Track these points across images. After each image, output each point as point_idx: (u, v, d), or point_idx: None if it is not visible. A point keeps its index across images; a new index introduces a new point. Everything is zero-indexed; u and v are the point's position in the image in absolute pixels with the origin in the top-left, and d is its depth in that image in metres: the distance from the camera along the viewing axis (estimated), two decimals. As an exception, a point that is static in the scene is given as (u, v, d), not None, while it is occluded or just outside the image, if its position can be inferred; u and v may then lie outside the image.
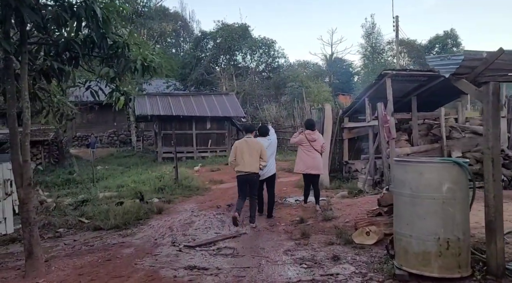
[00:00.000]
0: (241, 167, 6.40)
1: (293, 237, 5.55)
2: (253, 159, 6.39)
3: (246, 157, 6.39)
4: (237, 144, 6.62)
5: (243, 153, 6.42)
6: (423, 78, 9.31)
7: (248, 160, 6.38)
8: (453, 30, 40.77)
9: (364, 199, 7.49)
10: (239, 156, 6.43)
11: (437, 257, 3.25)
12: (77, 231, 6.79)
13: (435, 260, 3.26)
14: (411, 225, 3.38)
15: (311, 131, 7.51)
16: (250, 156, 6.39)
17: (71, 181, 13.05)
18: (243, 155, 6.41)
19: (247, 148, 6.45)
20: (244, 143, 6.52)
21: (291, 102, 23.70)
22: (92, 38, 5.05)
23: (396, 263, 3.58)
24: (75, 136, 24.32)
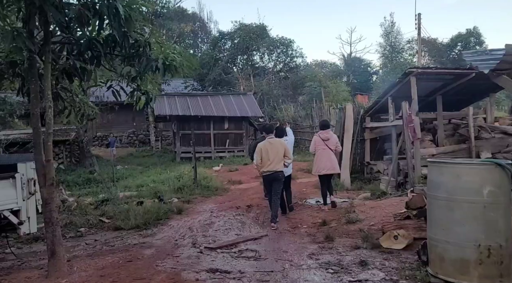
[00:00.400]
0: (267, 167, 6.64)
1: (316, 240, 5.39)
2: (278, 158, 6.64)
3: (271, 157, 6.62)
4: (261, 146, 6.81)
5: (268, 153, 6.65)
6: (450, 77, 9.00)
7: (273, 159, 6.62)
8: (476, 28, 39.56)
9: (388, 201, 7.25)
10: (265, 157, 6.66)
11: (477, 265, 3.05)
12: (98, 231, 6.80)
13: (475, 268, 3.05)
14: (447, 231, 3.18)
15: (323, 131, 7.77)
16: (275, 155, 6.64)
17: (91, 180, 13.19)
18: (268, 155, 6.64)
19: (271, 148, 6.68)
20: (268, 144, 6.75)
21: (309, 102, 23.43)
22: (114, 37, 5.00)
23: (430, 270, 3.39)
24: (95, 136, 24.65)
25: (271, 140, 6.80)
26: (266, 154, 6.64)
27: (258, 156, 6.72)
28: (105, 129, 25.15)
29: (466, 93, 9.99)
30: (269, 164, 6.61)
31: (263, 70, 28.81)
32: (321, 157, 7.60)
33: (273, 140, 6.82)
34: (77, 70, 4.77)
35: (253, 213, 7.79)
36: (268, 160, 6.61)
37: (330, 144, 7.63)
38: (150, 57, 5.25)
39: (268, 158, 6.62)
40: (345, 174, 10.55)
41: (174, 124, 20.13)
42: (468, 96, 10.43)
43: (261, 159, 6.66)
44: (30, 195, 4.32)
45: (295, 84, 26.78)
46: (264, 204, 8.68)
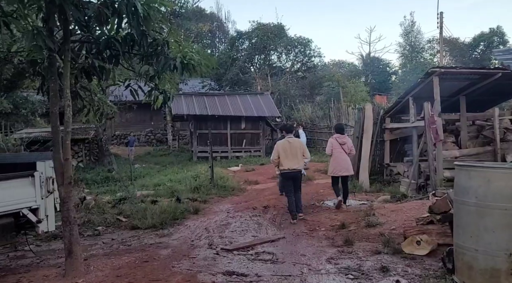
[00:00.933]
0: (286, 165, 6.88)
1: (335, 243, 5.25)
2: (297, 157, 6.90)
3: (289, 155, 6.87)
4: (280, 144, 7.07)
5: (286, 152, 6.88)
6: (474, 77, 8.71)
7: (292, 158, 6.87)
8: (499, 27, 38.47)
9: (409, 204, 7.05)
10: (283, 155, 6.90)
11: (508, 275, 2.88)
12: (115, 230, 6.82)
13: (506, 278, 2.88)
14: (476, 238, 3.02)
15: (340, 135, 8.06)
16: (293, 154, 6.89)
17: (110, 179, 13.32)
18: (286, 153, 6.88)
19: (289, 147, 6.93)
20: (287, 143, 6.99)
21: (326, 102, 23.18)
22: (132, 36, 4.98)
23: (457, 279, 3.23)
24: (114, 135, 25.00)
25: (290, 140, 7.05)
26: (284, 152, 6.88)
27: (276, 153, 6.98)
28: (124, 128, 25.48)
29: (491, 94, 9.66)
30: (287, 162, 6.85)
31: (280, 70, 28.66)
32: (338, 159, 7.84)
33: (292, 140, 7.07)
34: (95, 69, 4.77)
35: (270, 214, 7.70)
36: (286, 158, 6.86)
37: (346, 148, 7.91)
38: (168, 56, 5.22)
39: (286, 156, 6.86)
40: (364, 176, 10.35)
41: (191, 124, 20.21)
42: (493, 97, 10.09)
43: (279, 157, 6.91)
44: (48, 194, 4.33)
45: (313, 84, 26.54)
46: (281, 205, 8.57)
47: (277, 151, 6.98)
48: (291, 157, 6.86)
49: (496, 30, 38.86)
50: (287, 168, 6.87)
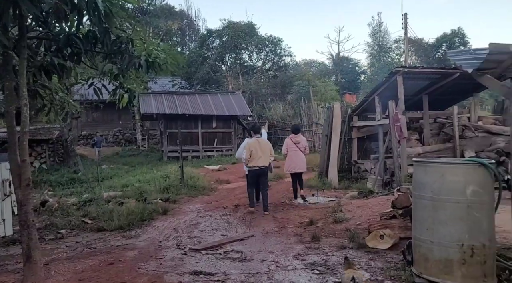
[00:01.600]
0: (255, 163, 7.45)
1: (303, 240, 5.33)
2: (265, 155, 7.52)
3: (259, 154, 7.44)
4: (250, 143, 7.60)
5: (257, 150, 7.45)
6: (435, 76, 9.06)
7: (261, 156, 7.46)
8: (460, 29, 40.23)
9: (375, 200, 7.25)
10: (254, 153, 7.44)
11: (460, 265, 3.02)
12: (80, 232, 6.62)
13: (458, 268, 3.02)
14: (432, 231, 3.14)
15: (295, 135, 8.61)
16: (262, 152, 7.48)
17: (75, 180, 12.94)
18: (257, 152, 7.45)
19: (259, 146, 7.52)
20: (256, 142, 7.57)
21: (297, 101, 23.44)
22: (94, 33, 4.86)
23: (414, 270, 3.35)
24: (80, 135, 24.26)
25: (259, 139, 7.70)
26: (255, 150, 7.44)
27: (248, 152, 7.47)
28: (91, 128, 24.77)
29: (451, 92, 10.08)
30: (256, 160, 7.42)
31: (251, 69, 28.71)
32: (293, 158, 8.42)
33: (261, 140, 7.77)
34: (55, 67, 4.62)
35: (240, 212, 7.71)
36: (255, 156, 7.42)
37: (301, 146, 8.48)
38: (133, 54, 5.12)
39: (256, 154, 7.42)
40: (333, 173, 10.56)
41: (161, 123, 19.92)
42: (453, 96, 10.53)
43: (250, 155, 7.42)
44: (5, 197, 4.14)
45: (284, 83, 26.76)
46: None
47: (248, 150, 7.46)
48: (260, 155, 7.44)
49: (457, 31, 40.58)
50: (257, 165, 7.45)
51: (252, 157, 7.41)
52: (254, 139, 7.64)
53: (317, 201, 8.46)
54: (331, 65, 44.53)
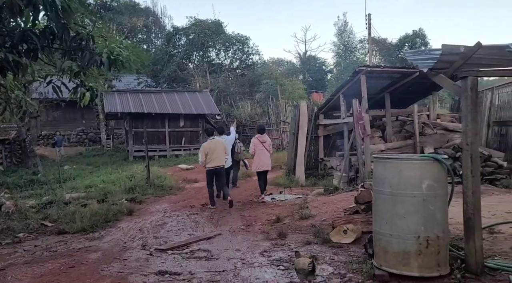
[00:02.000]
0: (212, 163, 7.92)
1: (269, 237, 5.38)
2: (220, 155, 7.96)
3: (214, 154, 7.88)
4: (205, 146, 8.06)
5: (212, 151, 7.89)
6: (397, 75, 9.38)
7: (216, 156, 7.90)
8: (421, 29, 41.77)
9: (340, 196, 7.43)
10: (210, 154, 7.88)
11: (417, 256, 3.16)
12: (39, 236, 6.37)
13: (415, 259, 3.17)
14: (391, 224, 3.27)
15: (261, 135, 8.93)
16: (218, 153, 7.92)
17: (35, 182, 12.42)
18: (212, 153, 7.88)
19: (214, 147, 7.95)
20: (211, 144, 8.02)
21: (265, 99, 23.58)
22: (51, 29, 4.70)
23: (375, 262, 3.48)
24: (40, 135, 23.26)
25: (213, 141, 8.11)
26: (211, 151, 7.88)
27: (203, 155, 7.93)
28: (52, 128, 23.80)
29: (412, 91, 10.47)
30: (213, 160, 7.88)
31: (219, 67, 28.58)
32: (261, 157, 8.69)
33: (215, 141, 8.14)
34: (10, 64, 4.41)
35: (208, 211, 7.68)
36: (211, 156, 7.87)
37: (266, 145, 8.80)
38: (94, 51, 4.98)
39: (212, 155, 7.87)
40: (300, 171, 10.72)
41: (126, 122, 19.47)
42: (414, 94, 10.94)
43: (206, 157, 7.89)
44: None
45: (252, 81, 26.83)
46: (219, 202, 8.59)
47: (204, 152, 7.94)
48: (215, 155, 7.90)
49: (419, 32, 42.17)
50: (212, 165, 7.92)
51: (208, 158, 7.88)
52: (208, 142, 8.14)
53: (284, 198, 8.57)
54: (298, 64, 45.06)
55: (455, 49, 3.40)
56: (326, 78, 45.12)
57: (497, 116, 10.34)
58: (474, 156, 3.24)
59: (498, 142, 10.17)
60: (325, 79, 44.69)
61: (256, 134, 9.06)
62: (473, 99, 3.27)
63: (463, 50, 3.35)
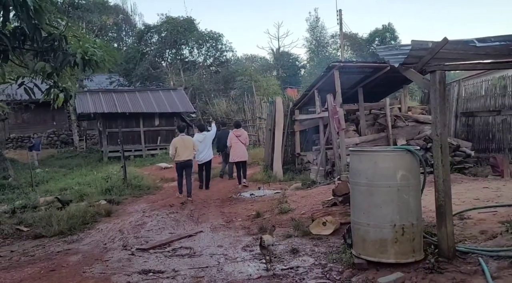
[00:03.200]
0: (180, 157, 8.64)
1: (250, 232, 5.47)
2: (188, 150, 8.67)
3: (183, 149, 8.60)
4: (175, 141, 8.83)
5: (181, 147, 8.62)
6: (369, 70, 9.63)
7: (184, 151, 8.62)
8: (390, 24, 42.71)
9: (317, 189, 7.60)
10: (179, 149, 8.60)
11: (393, 243, 3.32)
12: (15, 241, 6.21)
13: (392, 246, 3.33)
14: (368, 214, 3.42)
15: (237, 129, 10.00)
16: (185, 148, 8.63)
17: (6, 186, 11.99)
18: (181, 148, 8.60)
19: (182, 143, 8.67)
20: (180, 140, 8.77)
21: (241, 96, 23.60)
22: (23, 30, 4.60)
23: (354, 252, 3.62)
24: (8, 138, 22.43)
25: (183, 137, 8.84)
26: (180, 147, 8.60)
27: (173, 149, 8.65)
28: (21, 130, 22.98)
29: (384, 85, 10.76)
30: (181, 155, 8.59)
31: (193, 65, 28.35)
32: (236, 149, 9.72)
33: (185, 137, 8.90)
34: (-21, 66, 4.29)
35: (187, 210, 7.70)
36: (181, 151, 8.58)
37: (242, 139, 9.79)
38: (67, 52, 4.91)
39: (181, 150, 8.58)
40: (277, 166, 10.85)
41: (99, 123, 19.07)
42: (385, 88, 11.26)
43: (176, 151, 8.59)
44: None
45: (227, 78, 26.76)
46: (198, 200, 8.62)
47: (174, 147, 8.66)
48: (184, 150, 8.59)
49: (388, 27, 43.14)
50: (180, 159, 8.63)
51: (177, 153, 8.59)
52: (178, 138, 8.86)
53: (263, 194, 8.69)
54: (272, 60, 45.26)
55: (423, 45, 3.57)
56: (300, 73, 45.54)
57: (464, 107, 10.81)
58: (444, 146, 3.42)
59: (466, 132, 10.66)
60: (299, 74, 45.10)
61: (234, 128, 10.12)
62: (441, 92, 3.45)
63: (431, 46, 3.53)
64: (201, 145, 9.50)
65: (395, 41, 42.83)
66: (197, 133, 9.97)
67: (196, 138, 9.52)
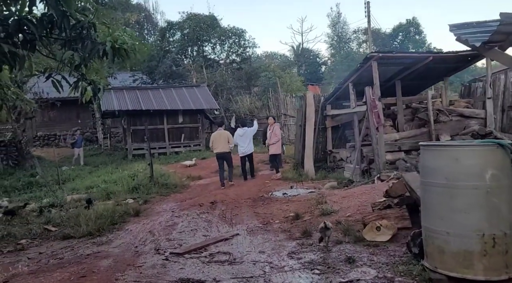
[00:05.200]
0: (216, 149, 9.92)
1: (292, 236, 5.00)
2: (223, 143, 9.82)
3: (218, 142, 9.85)
4: (213, 134, 10.21)
5: (217, 140, 9.90)
6: (408, 61, 9.00)
7: (219, 144, 9.83)
8: (415, 18, 41.55)
9: (358, 189, 7.05)
10: (215, 142, 9.89)
11: (481, 256, 2.78)
12: (43, 242, 5.96)
13: (479, 260, 2.79)
14: (447, 220, 2.89)
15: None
16: (221, 141, 9.82)
17: (33, 184, 11.96)
18: (216, 141, 9.88)
19: (219, 136, 9.94)
20: (217, 134, 10.06)
21: (264, 92, 23.09)
22: (50, 17, 4.26)
23: (428, 264, 3.10)
24: (36, 136, 22.67)
25: (220, 131, 10.08)
26: (216, 140, 9.88)
27: (211, 142, 10.04)
28: (47, 128, 23.21)
29: (422, 77, 10.11)
30: (217, 147, 9.82)
31: (215, 62, 28.02)
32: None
33: (221, 131, 10.12)
34: (5, 56, 3.97)
35: (218, 210, 7.30)
36: (217, 144, 9.83)
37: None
38: (96, 40, 4.55)
39: (217, 143, 9.83)
40: (309, 164, 10.34)
41: (124, 120, 18.97)
42: (423, 81, 10.59)
43: (212, 144, 9.96)
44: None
45: (249, 75, 26.28)
46: (229, 200, 8.22)
47: (212, 140, 10.01)
48: (219, 143, 9.78)
49: (412, 21, 41.86)
50: (218, 151, 9.86)
51: (214, 145, 9.89)
52: (216, 131, 10.13)
53: (297, 193, 8.21)
54: (292, 57, 44.57)
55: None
56: (321, 70, 44.67)
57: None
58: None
59: (514, 127, 9.86)
60: (319, 71, 44.24)
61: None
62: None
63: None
64: (242, 138, 10.39)
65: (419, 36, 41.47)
66: (239, 129, 10.81)
67: (237, 133, 10.48)
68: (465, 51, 8.75)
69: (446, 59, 8.98)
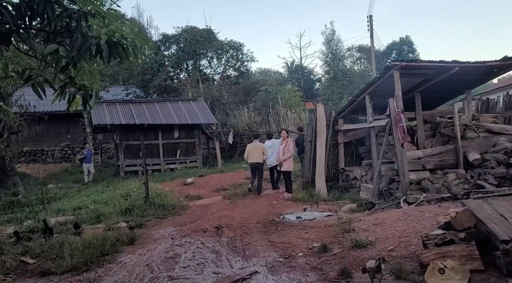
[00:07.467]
0: (250, 159, 10.32)
1: (327, 276, 4.05)
2: (257, 154, 10.24)
3: (253, 153, 10.30)
4: (248, 146, 10.68)
5: (252, 151, 10.33)
6: (431, 72, 8.26)
7: (254, 154, 10.27)
8: (408, 37, 41.82)
9: (388, 215, 6.13)
10: (250, 153, 10.34)
11: None
12: (18, 278, 4.96)
13: None
14: None
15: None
16: (256, 152, 10.26)
17: (15, 204, 10.84)
18: (251, 152, 10.32)
19: (254, 147, 10.37)
20: (252, 145, 10.47)
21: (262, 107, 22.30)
22: (30, 3, 3.40)
23: None
24: (21, 152, 21.45)
25: (255, 143, 10.52)
26: (251, 151, 10.32)
27: (246, 152, 10.50)
28: (34, 144, 21.98)
29: (443, 90, 9.39)
30: (252, 157, 10.26)
31: (212, 76, 27.28)
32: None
33: (257, 143, 10.56)
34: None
35: (226, 237, 6.34)
36: (252, 154, 10.27)
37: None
38: (88, 34, 3.68)
39: (252, 153, 10.29)
40: (321, 183, 9.43)
41: (116, 135, 17.95)
42: (443, 94, 9.87)
43: (248, 154, 10.37)
44: None
45: (247, 89, 25.53)
46: (236, 224, 7.26)
47: (247, 151, 10.46)
48: (253, 154, 10.25)
49: (406, 39, 42.03)
50: (251, 161, 10.27)
51: (249, 155, 10.33)
52: (252, 144, 10.59)
53: (313, 217, 7.28)
54: (286, 74, 44.24)
55: None
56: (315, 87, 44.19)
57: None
58: None
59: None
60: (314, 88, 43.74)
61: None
62: None
63: None
64: (269, 150, 10.53)
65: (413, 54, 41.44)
66: (267, 141, 11.10)
67: (266, 145, 10.68)
68: (494, 62, 8.08)
69: (471, 71, 8.27)
